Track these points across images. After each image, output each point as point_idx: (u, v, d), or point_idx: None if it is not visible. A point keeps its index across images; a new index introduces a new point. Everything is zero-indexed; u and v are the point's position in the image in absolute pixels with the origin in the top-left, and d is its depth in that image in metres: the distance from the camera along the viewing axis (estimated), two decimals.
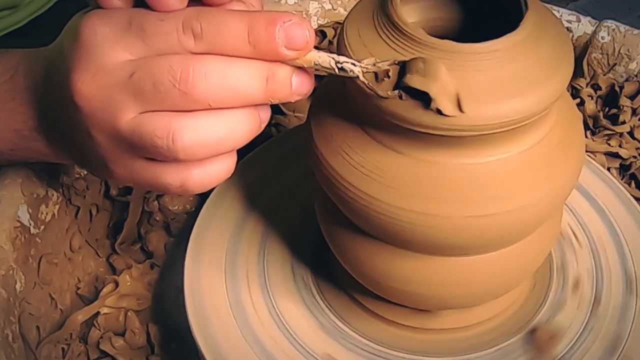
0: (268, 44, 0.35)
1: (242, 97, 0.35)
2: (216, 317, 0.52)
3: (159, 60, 0.35)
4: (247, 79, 0.35)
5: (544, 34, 0.40)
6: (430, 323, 0.52)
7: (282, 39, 0.35)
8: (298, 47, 0.35)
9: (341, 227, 0.48)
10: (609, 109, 0.71)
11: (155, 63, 0.35)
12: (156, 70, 0.35)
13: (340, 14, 0.80)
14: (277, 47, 0.35)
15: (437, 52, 0.38)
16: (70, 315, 0.57)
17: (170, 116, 0.35)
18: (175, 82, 0.34)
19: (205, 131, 0.35)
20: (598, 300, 0.53)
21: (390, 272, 0.46)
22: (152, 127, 0.35)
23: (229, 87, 0.35)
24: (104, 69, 0.36)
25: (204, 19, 0.34)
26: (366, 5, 0.42)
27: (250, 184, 0.61)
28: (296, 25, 0.35)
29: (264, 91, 0.36)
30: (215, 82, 0.34)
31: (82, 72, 0.36)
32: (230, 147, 0.37)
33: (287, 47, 0.35)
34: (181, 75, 0.34)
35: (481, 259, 0.45)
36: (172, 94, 0.35)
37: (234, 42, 0.34)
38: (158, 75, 0.34)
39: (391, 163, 0.41)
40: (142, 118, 0.36)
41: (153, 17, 0.35)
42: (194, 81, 0.34)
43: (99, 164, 0.41)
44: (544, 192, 0.41)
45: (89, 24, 0.36)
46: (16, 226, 0.54)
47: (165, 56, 0.35)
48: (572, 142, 0.44)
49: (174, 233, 0.64)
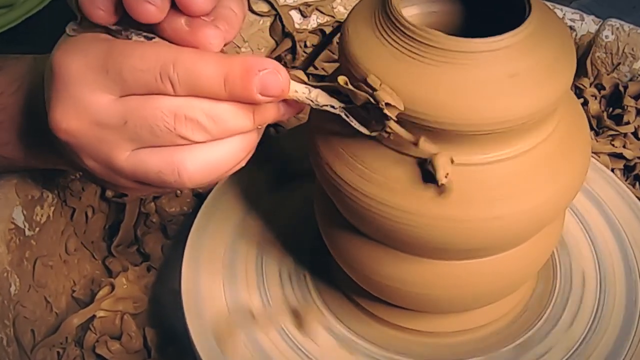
0: (243, 92, 0.36)
1: (235, 132, 0.37)
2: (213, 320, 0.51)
3: (149, 105, 0.36)
4: (237, 117, 0.37)
5: (547, 33, 0.40)
6: (432, 326, 0.51)
7: (258, 87, 0.36)
8: (273, 94, 0.36)
9: (341, 229, 0.47)
10: (613, 109, 0.71)
11: (147, 110, 0.36)
12: (150, 118, 0.36)
13: (340, 12, 0.80)
14: (253, 95, 0.36)
15: (438, 51, 0.38)
16: (65, 318, 0.57)
17: (170, 151, 0.37)
18: (171, 128, 0.36)
19: (207, 158, 0.37)
20: (602, 302, 0.53)
21: (391, 275, 0.46)
22: (156, 166, 0.37)
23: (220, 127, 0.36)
24: (86, 109, 0.37)
25: (180, 68, 0.35)
26: (367, 5, 0.42)
27: (249, 185, 0.61)
28: (271, 74, 0.36)
29: (252, 122, 0.37)
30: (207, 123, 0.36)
31: (62, 112, 0.37)
32: (233, 164, 0.38)
33: (262, 94, 0.36)
34: (175, 121, 0.36)
35: (483, 262, 0.44)
36: (170, 136, 0.36)
37: (210, 91, 0.36)
38: (152, 122, 0.36)
39: (392, 163, 0.41)
40: (143, 156, 0.37)
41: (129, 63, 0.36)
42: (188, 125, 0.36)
43: None
44: (547, 194, 0.41)
45: (64, 60, 0.37)
46: (11, 228, 0.54)
47: (154, 100, 0.36)
48: (577, 143, 0.44)
49: (171, 235, 0.64)
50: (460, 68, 0.37)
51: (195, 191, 0.67)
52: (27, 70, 0.47)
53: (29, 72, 0.46)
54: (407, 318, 0.51)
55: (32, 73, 0.46)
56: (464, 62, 0.38)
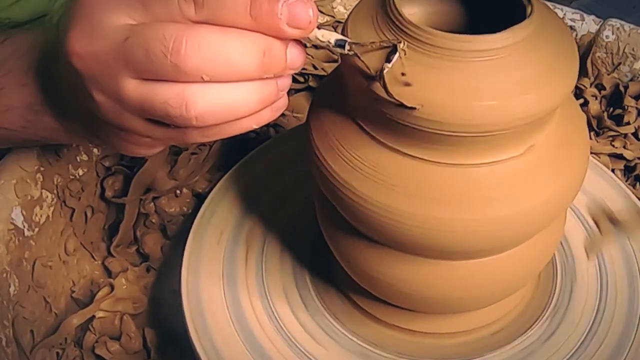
0: (269, 18, 0.34)
1: (236, 72, 0.35)
2: (214, 320, 0.52)
3: (153, 28, 0.34)
4: (243, 54, 0.34)
5: (547, 34, 0.40)
6: (432, 327, 0.51)
7: (285, 16, 0.34)
8: (300, 25, 0.34)
9: (341, 229, 0.47)
10: (614, 109, 0.71)
11: (150, 31, 0.34)
12: (149, 39, 0.34)
13: (340, 12, 0.80)
14: (279, 24, 0.34)
15: (438, 49, 0.38)
16: (65, 319, 0.56)
17: (182, 84, 0.35)
18: (167, 52, 0.34)
19: (218, 99, 0.35)
20: (603, 303, 0.53)
21: (392, 275, 0.46)
22: (164, 96, 0.35)
23: (222, 61, 0.34)
24: (103, 31, 0.35)
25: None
26: (367, 4, 0.42)
27: (248, 185, 0.61)
28: (300, 3, 0.34)
29: (260, 66, 0.35)
30: (209, 55, 0.34)
31: (79, 33, 0.36)
32: (243, 113, 0.36)
33: (289, 24, 0.34)
34: (173, 46, 0.34)
35: (483, 262, 0.44)
36: (164, 64, 0.34)
37: (234, 13, 0.34)
38: (151, 44, 0.34)
39: (392, 163, 0.41)
40: (152, 87, 0.35)
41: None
42: (186, 53, 0.34)
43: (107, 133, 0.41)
44: (547, 194, 0.41)
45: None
46: (10, 228, 0.54)
47: (161, 24, 0.34)
48: (576, 143, 0.44)
49: (171, 235, 0.64)
50: (461, 68, 0.37)
51: (195, 191, 0.67)
52: (35, 38, 0.46)
53: (36, 39, 0.46)
54: (408, 319, 0.51)
55: (40, 39, 0.46)
56: (465, 62, 0.37)
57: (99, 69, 0.36)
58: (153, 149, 0.44)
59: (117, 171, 0.65)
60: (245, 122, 0.37)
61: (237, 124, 0.37)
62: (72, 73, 0.38)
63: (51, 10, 0.63)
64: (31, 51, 0.46)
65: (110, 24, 0.35)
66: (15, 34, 0.49)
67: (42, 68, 0.45)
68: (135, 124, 0.38)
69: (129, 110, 0.37)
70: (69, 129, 0.47)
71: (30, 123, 0.47)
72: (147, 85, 0.35)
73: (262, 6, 0.34)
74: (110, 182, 0.64)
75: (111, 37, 0.35)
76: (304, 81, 0.74)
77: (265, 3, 0.34)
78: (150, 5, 0.35)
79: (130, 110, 0.37)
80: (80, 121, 0.45)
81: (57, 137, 0.49)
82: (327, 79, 0.48)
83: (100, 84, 0.37)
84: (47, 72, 0.44)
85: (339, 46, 0.36)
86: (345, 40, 0.36)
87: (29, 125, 0.47)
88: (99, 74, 0.37)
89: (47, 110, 0.46)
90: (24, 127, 0.48)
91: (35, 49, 0.46)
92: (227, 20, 0.34)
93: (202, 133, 0.38)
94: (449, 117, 0.37)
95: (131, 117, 0.38)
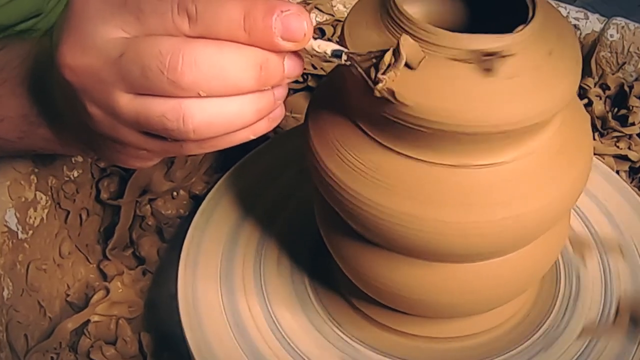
0: (264, 33, 0.34)
1: (233, 87, 0.35)
2: (211, 325, 0.51)
3: (149, 43, 0.34)
4: (240, 69, 0.34)
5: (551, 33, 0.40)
6: (433, 331, 0.51)
7: (279, 30, 0.34)
8: (295, 38, 0.34)
9: (341, 231, 0.47)
10: (618, 110, 0.71)
11: (145, 46, 0.34)
12: (145, 55, 0.34)
13: (340, 11, 0.80)
14: (273, 38, 0.34)
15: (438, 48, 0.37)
16: (59, 323, 0.56)
17: (178, 98, 0.35)
18: (163, 69, 0.33)
19: (215, 112, 0.35)
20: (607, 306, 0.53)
21: (393, 279, 0.46)
22: (160, 110, 0.35)
23: (219, 77, 0.34)
24: (95, 44, 0.35)
25: (200, 1, 0.34)
26: (367, 3, 0.42)
27: (246, 187, 0.61)
28: (294, 16, 0.34)
29: (257, 79, 0.35)
30: (206, 71, 0.34)
31: (71, 45, 0.36)
32: (241, 125, 0.36)
33: (284, 38, 0.34)
34: (170, 62, 0.33)
35: (484, 266, 0.44)
36: (160, 80, 0.34)
37: (228, 28, 0.34)
38: (146, 61, 0.34)
39: (391, 165, 0.41)
40: (147, 100, 0.35)
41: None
42: (183, 69, 0.33)
43: (102, 146, 0.41)
44: (550, 197, 0.41)
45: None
46: (3, 231, 0.53)
47: (156, 39, 0.34)
48: (579, 145, 0.43)
49: (167, 238, 0.64)
50: (462, 67, 0.37)
51: (192, 193, 0.67)
52: (31, 47, 0.46)
53: (33, 48, 0.46)
54: (408, 323, 0.51)
55: (37, 48, 0.45)
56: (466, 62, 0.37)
57: (91, 83, 0.36)
58: (149, 162, 0.44)
59: (112, 173, 0.65)
60: (242, 133, 0.37)
61: (234, 136, 0.37)
62: (65, 85, 0.38)
63: (45, 10, 0.62)
64: (26, 61, 0.46)
65: (103, 36, 0.35)
66: (10, 42, 0.49)
67: (37, 78, 0.45)
68: (131, 137, 0.38)
69: (124, 124, 0.37)
70: (64, 140, 0.47)
71: (25, 134, 0.47)
72: (141, 99, 0.35)
73: (256, 20, 0.33)
74: (106, 184, 0.64)
75: (104, 51, 0.35)
76: (303, 81, 0.75)
77: (259, 17, 0.33)
78: (144, 18, 0.34)
79: (124, 124, 0.37)
80: (76, 133, 0.44)
81: (52, 148, 0.49)
82: (326, 79, 0.48)
83: (94, 97, 0.37)
84: (42, 83, 0.44)
85: (335, 56, 0.36)
86: (342, 50, 0.36)
87: (24, 136, 0.48)
88: (91, 87, 0.36)
89: (42, 121, 0.46)
90: (19, 137, 0.48)
91: (30, 59, 0.46)
92: (221, 34, 0.34)
93: (199, 145, 0.37)
94: (449, 117, 0.37)
95: (126, 130, 0.38)
